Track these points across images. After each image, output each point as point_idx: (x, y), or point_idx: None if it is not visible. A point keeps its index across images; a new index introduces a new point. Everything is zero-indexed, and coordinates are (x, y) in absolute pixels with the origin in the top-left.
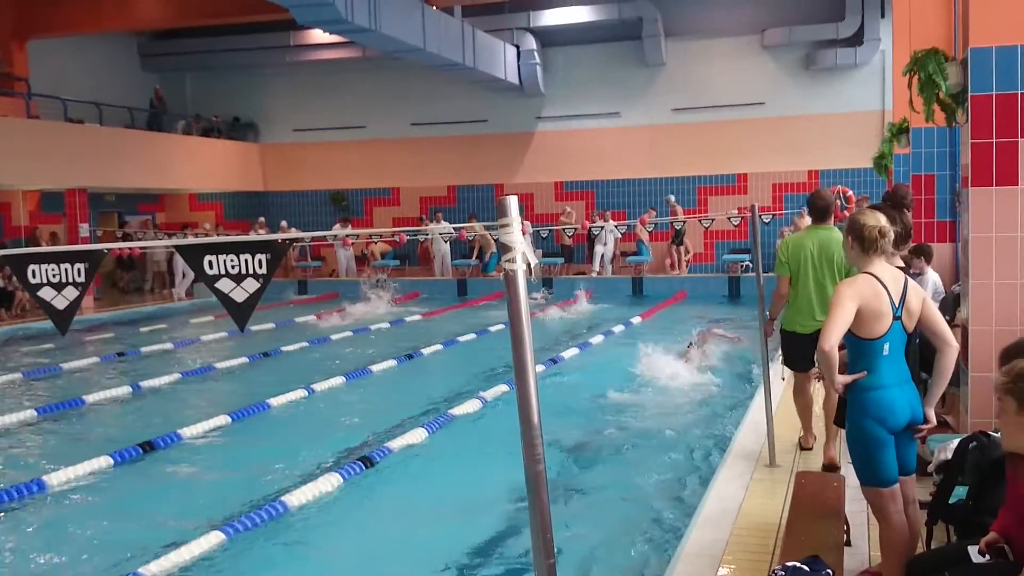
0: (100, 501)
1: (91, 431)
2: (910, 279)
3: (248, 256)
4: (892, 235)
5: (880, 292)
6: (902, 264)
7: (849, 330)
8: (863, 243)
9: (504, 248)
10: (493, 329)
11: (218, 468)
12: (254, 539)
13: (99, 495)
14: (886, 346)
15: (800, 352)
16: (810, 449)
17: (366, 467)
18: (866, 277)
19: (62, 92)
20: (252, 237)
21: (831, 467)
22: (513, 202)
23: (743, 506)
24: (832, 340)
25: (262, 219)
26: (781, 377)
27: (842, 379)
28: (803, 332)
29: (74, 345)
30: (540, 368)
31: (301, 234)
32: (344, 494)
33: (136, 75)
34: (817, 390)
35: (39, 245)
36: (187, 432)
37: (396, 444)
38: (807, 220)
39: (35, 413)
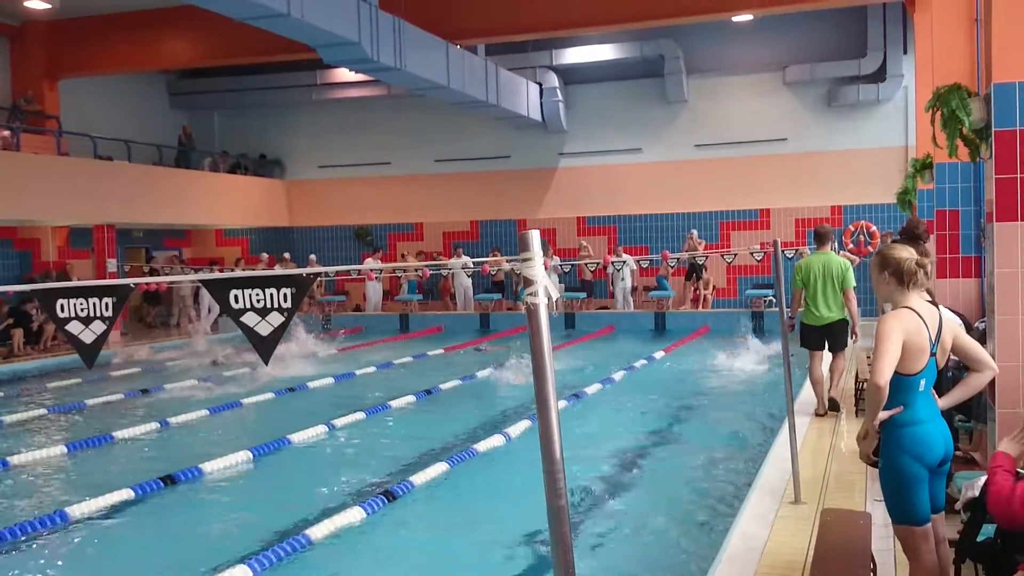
0: (122, 533)
1: (115, 465)
2: (943, 315)
3: (273, 290)
4: (929, 267)
5: (921, 328)
6: (929, 297)
7: None
8: (902, 277)
9: (526, 282)
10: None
11: (239, 502)
12: (280, 574)
13: (121, 528)
14: (922, 382)
15: (811, 337)
16: (824, 415)
17: (389, 501)
18: (909, 312)
19: (92, 130)
20: (277, 272)
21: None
22: (535, 236)
23: (768, 544)
24: (886, 375)
25: (287, 255)
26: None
27: (881, 415)
28: (815, 324)
29: (101, 379)
30: (563, 404)
31: (324, 268)
32: (367, 528)
33: (165, 113)
34: (824, 364)
35: (69, 280)
36: (208, 467)
37: (418, 478)
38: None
39: (64, 448)
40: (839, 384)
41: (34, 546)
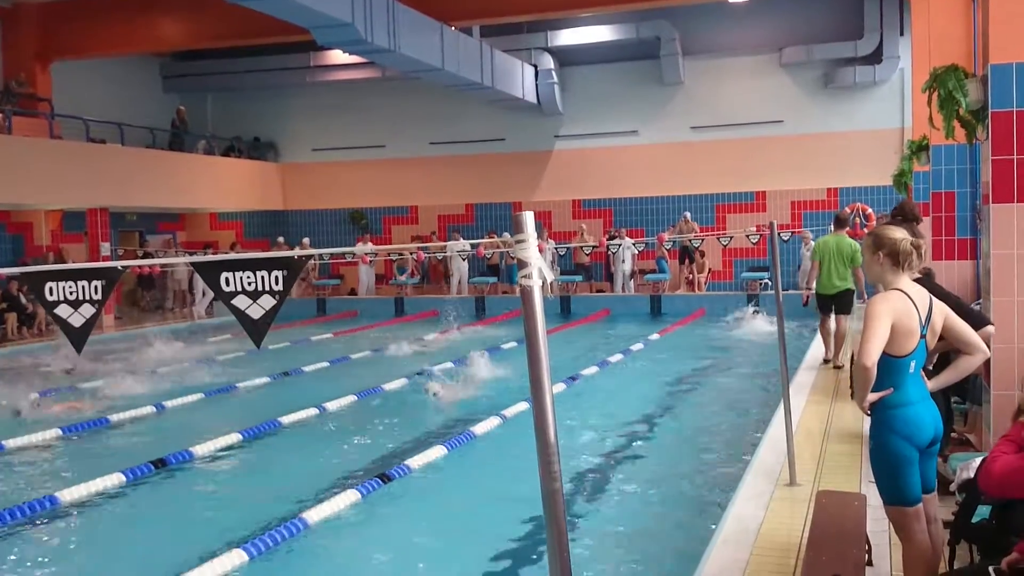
0: (112, 518)
1: (107, 449)
2: (934, 297)
3: (265, 273)
4: (923, 248)
5: (911, 310)
6: (919, 276)
7: None
8: (897, 258)
9: (520, 264)
10: (506, 347)
11: (230, 486)
12: (274, 557)
13: (111, 512)
14: (912, 364)
15: (825, 303)
16: (830, 362)
17: (384, 483)
18: (898, 294)
19: (85, 113)
20: (269, 254)
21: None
22: (529, 217)
23: (763, 526)
24: (873, 356)
25: (281, 239)
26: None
27: (870, 397)
28: (827, 293)
29: (94, 364)
30: (560, 387)
31: (317, 251)
32: (363, 511)
33: (158, 96)
34: (834, 321)
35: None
36: (199, 450)
37: (415, 462)
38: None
39: (59, 431)
40: (843, 352)
41: (23, 532)
